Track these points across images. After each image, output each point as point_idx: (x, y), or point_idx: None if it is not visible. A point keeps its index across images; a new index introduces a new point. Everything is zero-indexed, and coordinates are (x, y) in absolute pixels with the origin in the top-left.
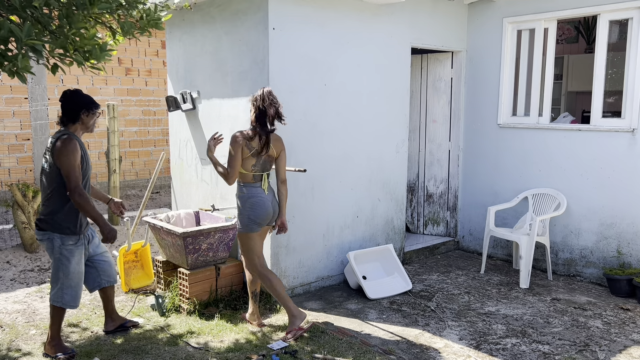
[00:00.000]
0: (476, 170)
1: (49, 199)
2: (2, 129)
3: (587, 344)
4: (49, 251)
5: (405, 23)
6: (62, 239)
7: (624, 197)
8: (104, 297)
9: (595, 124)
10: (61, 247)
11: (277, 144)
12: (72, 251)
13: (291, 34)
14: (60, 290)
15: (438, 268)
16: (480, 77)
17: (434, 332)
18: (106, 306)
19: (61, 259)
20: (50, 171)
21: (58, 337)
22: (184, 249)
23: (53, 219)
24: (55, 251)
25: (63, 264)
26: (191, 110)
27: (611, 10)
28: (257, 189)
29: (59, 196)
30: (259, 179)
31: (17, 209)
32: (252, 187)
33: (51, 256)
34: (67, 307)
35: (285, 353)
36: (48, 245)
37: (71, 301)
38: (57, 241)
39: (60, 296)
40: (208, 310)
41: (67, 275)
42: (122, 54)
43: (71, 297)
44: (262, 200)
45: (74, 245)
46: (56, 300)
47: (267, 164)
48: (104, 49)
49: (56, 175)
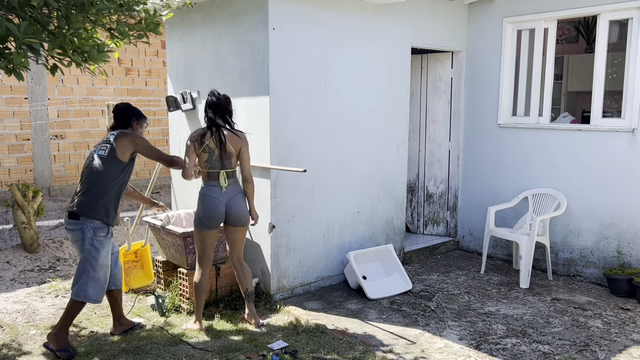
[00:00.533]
0: (476, 170)
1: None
2: (2, 129)
3: (587, 344)
4: (79, 243)
5: (405, 23)
6: (94, 229)
7: (624, 197)
8: (112, 300)
9: (595, 124)
10: (93, 238)
11: (235, 140)
12: (102, 243)
13: (291, 34)
14: (85, 285)
15: (438, 268)
16: (480, 77)
17: (434, 332)
18: (114, 309)
19: (91, 250)
20: (105, 161)
21: (66, 331)
22: (184, 249)
23: (93, 205)
24: (86, 242)
25: (92, 255)
26: (191, 110)
27: (611, 10)
28: (212, 187)
29: (104, 184)
30: (214, 176)
31: (17, 209)
32: (207, 184)
33: (80, 248)
34: (90, 301)
35: (285, 353)
36: (78, 236)
37: (94, 295)
38: (89, 232)
39: (84, 290)
40: (208, 310)
41: (95, 267)
42: (122, 54)
43: (95, 291)
44: (211, 200)
45: (105, 237)
46: (79, 295)
47: (225, 161)
48: (102, 50)
49: (109, 165)
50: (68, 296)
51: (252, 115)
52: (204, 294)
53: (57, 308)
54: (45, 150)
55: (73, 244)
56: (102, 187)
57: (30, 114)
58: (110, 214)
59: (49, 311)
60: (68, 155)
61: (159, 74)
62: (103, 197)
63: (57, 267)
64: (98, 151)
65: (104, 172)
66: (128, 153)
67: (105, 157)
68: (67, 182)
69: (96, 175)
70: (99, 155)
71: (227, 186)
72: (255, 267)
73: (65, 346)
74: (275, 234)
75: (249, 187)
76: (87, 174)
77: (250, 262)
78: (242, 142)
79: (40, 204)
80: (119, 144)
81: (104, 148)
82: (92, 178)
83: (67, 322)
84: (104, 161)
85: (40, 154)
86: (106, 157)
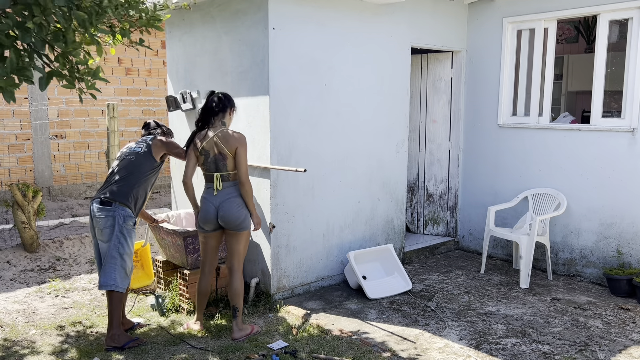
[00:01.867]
0: (476, 170)
1: (127, 176)
2: (2, 129)
3: (587, 344)
4: (108, 230)
5: (405, 23)
6: (125, 217)
7: (624, 197)
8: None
9: (595, 123)
10: (123, 225)
11: (230, 141)
12: (130, 232)
13: (291, 34)
14: (113, 272)
15: (438, 268)
16: (480, 77)
17: (434, 332)
18: None
19: (120, 237)
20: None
21: (118, 326)
22: (184, 249)
23: (126, 193)
24: (117, 228)
25: (121, 243)
26: (191, 110)
27: (611, 10)
28: (207, 189)
29: (137, 177)
30: (209, 179)
31: (17, 208)
32: (205, 187)
33: (109, 235)
34: (119, 289)
35: (285, 353)
36: (109, 223)
37: (122, 283)
38: (120, 218)
39: (114, 279)
40: (208, 310)
41: (123, 255)
42: (122, 54)
43: (122, 278)
44: (204, 202)
45: (132, 227)
46: (108, 284)
47: (219, 163)
48: (97, 76)
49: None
50: (68, 296)
51: (252, 115)
52: (203, 295)
53: (57, 308)
54: (45, 150)
55: (100, 232)
56: (135, 179)
57: (30, 113)
58: (137, 205)
59: (49, 311)
60: (68, 155)
61: (159, 74)
62: (135, 188)
63: (57, 267)
64: (135, 148)
65: (139, 165)
66: (160, 153)
67: (142, 154)
68: (67, 182)
69: (132, 167)
70: (135, 152)
71: (220, 189)
72: (255, 267)
73: (126, 339)
74: (275, 233)
75: (243, 190)
76: (123, 166)
77: (251, 262)
78: (239, 142)
79: (40, 204)
80: (154, 144)
81: (140, 146)
82: (128, 169)
83: (115, 317)
84: (140, 157)
85: (40, 153)
86: (142, 153)
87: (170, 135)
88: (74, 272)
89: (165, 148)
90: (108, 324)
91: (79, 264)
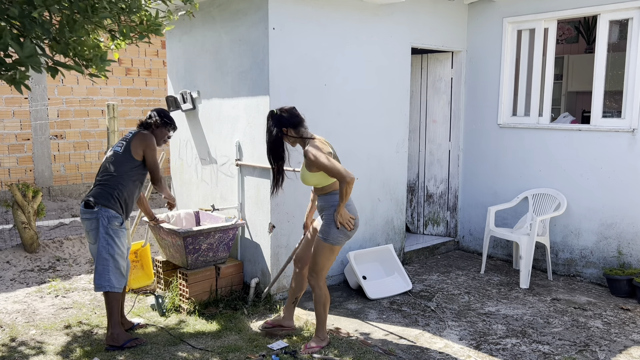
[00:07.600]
0: (476, 170)
1: (107, 178)
2: (2, 129)
3: (587, 344)
4: (93, 232)
5: (406, 23)
6: (109, 218)
7: (624, 197)
8: None
9: (595, 124)
10: (107, 226)
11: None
12: (117, 232)
13: (291, 34)
14: (107, 273)
15: (438, 268)
16: (480, 77)
17: (434, 332)
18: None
19: (107, 238)
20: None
21: (117, 326)
22: (184, 249)
23: (107, 195)
24: (101, 231)
25: (109, 243)
26: (191, 110)
27: (611, 10)
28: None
29: (118, 178)
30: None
31: (17, 209)
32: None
33: (95, 237)
34: (114, 289)
35: (285, 353)
36: (93, 225)
37: (117, 283)
38: (103, 220)
39: (108, 279)
40: (208, 310)
41: (113, 255)
42: (122, 54)
43: (117, 278)
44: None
45: (119, 227)
46: (103, 286)
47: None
48: (104, 59)
49: (123, 161)
50: (68, 296)
51: (252, 115)
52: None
53: (56, 308)
54: (45, 150)
55: (87, 234)
56: (116, 181)
57: (30, 113)
58: (123, 207)
59: (49, 311)
60: (68, 155)
61: (159, 74)
62: (117, 189)
63: (57, 267)
64: (115, 147)
65: (118, 166)
66: (140, 152)
67: (120, 153)
68: (67, 182)
69: (113, 167)
70: (114, 151)
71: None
72: (255, 267)
73: (126, 337)
74: (275, 233)
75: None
76: (105, 167)
77: (250, 262)
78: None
79: (40, 204)
80: (133, 143)
81: (120, 144)
82: (108, 170)
83: (113, 317)
84: (119, 156)
85: (40, 154)
86: (121, 153)
87: (165, 128)
88: (74, 272)
89: (143, 147)
90: (107, 325)
91: (78, 264)
